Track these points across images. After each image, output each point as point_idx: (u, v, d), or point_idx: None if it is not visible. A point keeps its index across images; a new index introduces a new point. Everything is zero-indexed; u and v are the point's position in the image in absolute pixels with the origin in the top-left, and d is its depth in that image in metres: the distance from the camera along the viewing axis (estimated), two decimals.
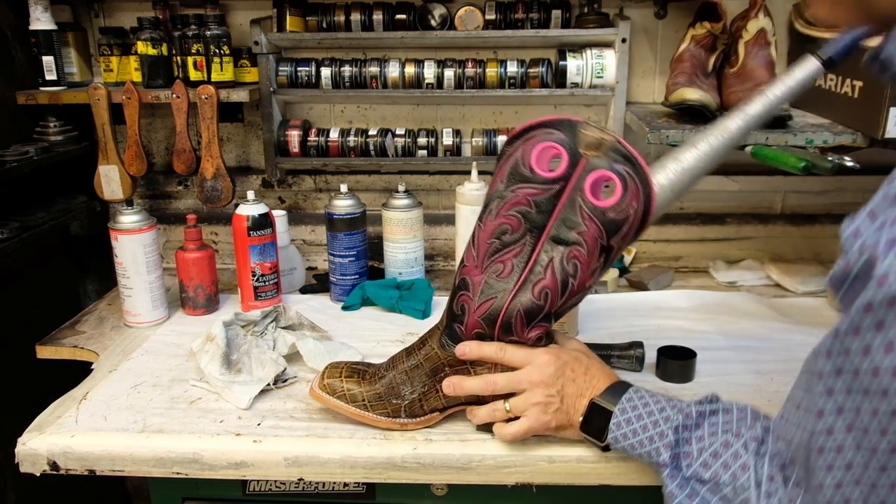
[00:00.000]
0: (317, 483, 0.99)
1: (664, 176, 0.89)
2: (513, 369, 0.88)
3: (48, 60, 1.45)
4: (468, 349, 0.88)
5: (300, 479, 0.93)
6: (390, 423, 0.93)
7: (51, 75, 1.46)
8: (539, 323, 0.87)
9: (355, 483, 0.99)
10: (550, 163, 0.83)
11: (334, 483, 0.99)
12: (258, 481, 1.00)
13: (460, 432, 0.94)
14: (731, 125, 0.88)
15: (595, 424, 0.84)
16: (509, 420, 0.89)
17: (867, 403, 0.50)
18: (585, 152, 0.81)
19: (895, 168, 0.48)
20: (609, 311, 1.34)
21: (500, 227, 0.84)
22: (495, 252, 0.85)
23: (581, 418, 0.85)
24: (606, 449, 0.85)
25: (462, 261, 0.89)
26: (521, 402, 0.86)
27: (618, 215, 0.80)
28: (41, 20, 1.43)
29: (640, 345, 1.12)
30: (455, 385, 0.89)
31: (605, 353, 1.12)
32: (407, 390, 0.92)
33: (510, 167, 0.84)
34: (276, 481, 1.00)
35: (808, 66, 0.85)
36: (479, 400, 0.91)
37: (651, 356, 1.11)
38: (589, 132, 0.81)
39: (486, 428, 0.92)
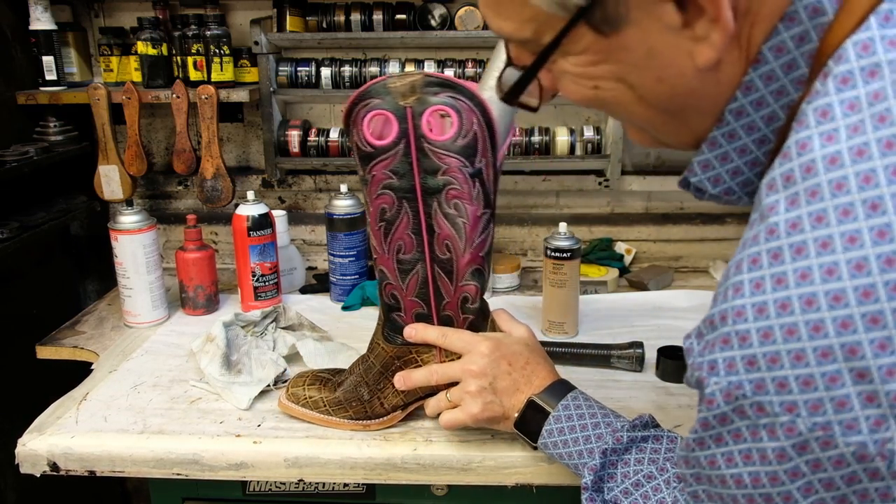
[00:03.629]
0: (317, 484, 0.99)
1: (495, 80, 0.89)
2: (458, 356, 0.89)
3: (48, 60, 1.45)
4: (414, 331, 0.90)
5: (300, 480, 0.93)
6: (354, 426, 0.94)
7: (51, 75, 1.46)
8: (467, 282, 0.87)
9: (355, 484, 0.99)
10: (383, 129, 0.83)
11: (334, 483, 0.99)
12: (258, 482, 1.00)
13: (460, 433, 0.94)
14: None
15: (531, 423, 0.83)
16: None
17: None
18: (405, 102, 0.81)
19: (715, 291, 0.50)
20: (609, 311, 1.34)
21: (378, 209, 0.85)
22: (387, 233, 0.86)
23: (517, 414, 0.84)
24: (538, 449, 0.84)
25: (373, 254, 0.90)
26: (458, 392, 0.87)
27: (466, 138, 0.81)
28: (41, 20, 1.43)
29: (640, 345, 1.12)
30: (404, 378, 0.90)
31: (605, 352, 1.12)
32: (365, 392, 0.93)
33: (356, 153, 0.85)
34: (276, 482, 1.00)
35: None
36: (434, 392, 0.91)
37: (651, 356, 1.11)
38: (397, 83, 0.81)
39: None
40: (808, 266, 0.44)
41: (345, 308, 1.37)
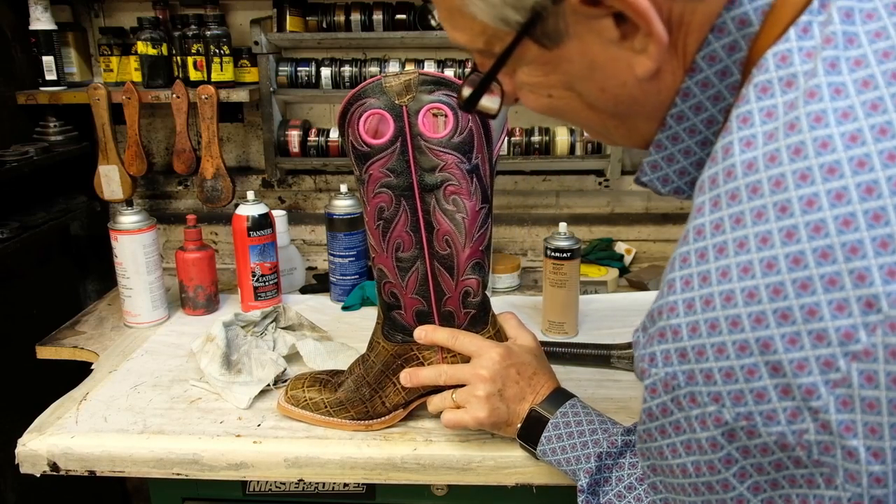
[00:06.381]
0: (317, 484, 0.99)
1: None
2: (465, 357, 0.89)
3: (48, 60, 1.45)
4: (423, 333, 0.90)
5: (300, 480, 0.93)
6: (356, 426, 0.94)
7: (51, 75, 1.46)
8: (469, 276, 0.88)
9: (355, 484, 0.99)
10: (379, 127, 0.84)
11: (334, 484, 0.99)
12: (258, 482, 1.00)
13: (460, 433, 0.94)
14: None
15: (532, 432, 0.85)
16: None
17: (675, 497, 0.55)
18: (401, 101, 0.82)
19: (661, 281, 0.52)
20: (609, 311, 1.34)
21: (376, 208, 0.86)
22: (385, 232, 0.87)
23: (520, 424, 0.86)
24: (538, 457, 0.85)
25: (371, 253, 0.90)
26: (464, 394, 0.87)
27: (462, 135, 0.82)
28: (41, 20, 1.43)
29: None
30: (411, 375, 0.91)
31: (605, 352, 1.12)
32: (366, 391, 0.93)
33: (352, 153, 0.85)
34: (276, 482, 1.00)
35: None
36: (437, 391, 0.91)
37: None
38: (392, 82, 0.82)
39: None
40: (727, 265, 0.46)
41: (345, 308, 1.37)
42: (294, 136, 1.54)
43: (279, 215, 1.41)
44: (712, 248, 0.47)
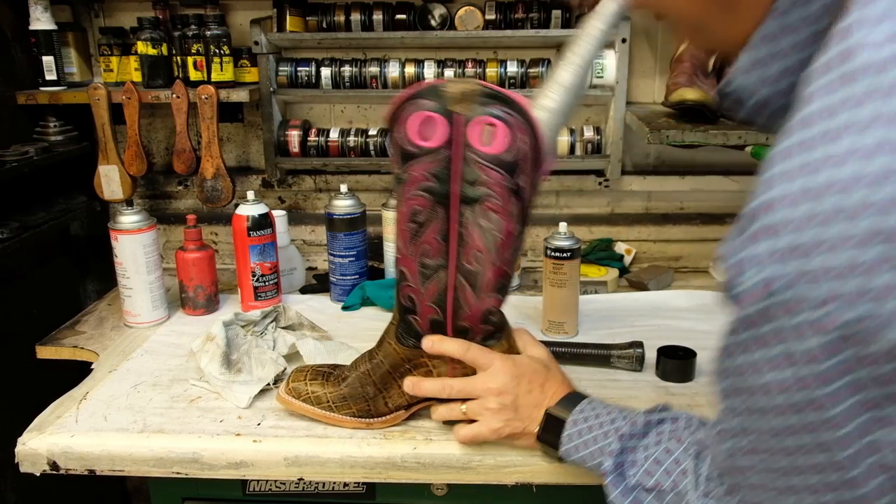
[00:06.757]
0: (317, 483, 0.99)
1: (549, 100, 0.88)
2: (473, 369, 0.89)
3: (48, 60, 1.45)
4: (432, 343, 0.89)
5: (300, 479, 0.93)
6: (356, 423, 0.94)
7: (51, 75, 1.46)
8: (491, 295, 0.87)
9: (355, 483, 0.99)
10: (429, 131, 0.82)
11: (334, 483, 0.99)
12: (258, 481, 1.00)
13: None
14: (592, 31, 0.86)
15: (551, 434, 0.84)
16: (467, 422, 0.89)
17: (753, 422, 0.51)
18: (456, 108, 0.80)
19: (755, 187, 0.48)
20: (609, 311, 1.34)
21: (411, 210, 0.84)
22: (415, 235, 0.85)
23: (538, 429, 0.85)
24: (563, 459, 0.85)
25: (396, 253, 0.89)
26: (476, 407, 0.87)
27: (512, 155, 0.80)
28: (41, 20, 1.43)
29: (640, 345, 1.12)
30: (415, 384, 0.90)
31: (605, 352, 1.12)
32: (370, 390, 0.92)
33: (396, 150, 0.83)
34: (276, 481, 1.00)
35: None
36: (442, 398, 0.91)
37: (651, 356, 1.11)
38: (452, 88, 0.80)
39: (452, 423, 0.93)
40: (843, 151, 0.41)
41: (345, 308, 1.37)
42: (294, 136, 1.54)
43: (279, 215, 1.41)
44: (822, 135, 0.42)
